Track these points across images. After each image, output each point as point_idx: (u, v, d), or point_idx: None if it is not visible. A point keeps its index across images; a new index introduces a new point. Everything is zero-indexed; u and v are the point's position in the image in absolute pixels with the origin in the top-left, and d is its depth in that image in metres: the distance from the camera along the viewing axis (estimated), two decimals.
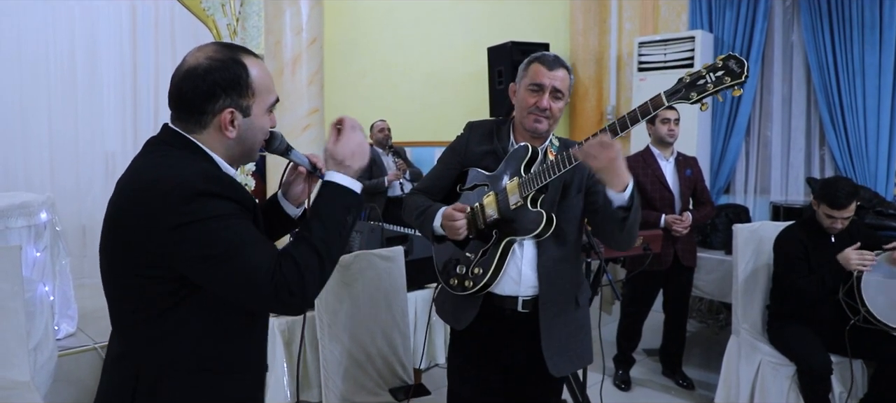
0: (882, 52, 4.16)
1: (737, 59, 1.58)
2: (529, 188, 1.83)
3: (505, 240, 1.89)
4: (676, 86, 1.64)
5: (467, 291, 1.94)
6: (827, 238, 3.06)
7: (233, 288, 1.19)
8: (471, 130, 2.10)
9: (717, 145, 4.99)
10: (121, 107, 4.66)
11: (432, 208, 2.00)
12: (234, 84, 1.26)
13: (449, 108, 6.76)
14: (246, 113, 1.28)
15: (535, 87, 1.90)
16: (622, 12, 5.65)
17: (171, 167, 1.21)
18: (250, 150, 1.35)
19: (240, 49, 1.32)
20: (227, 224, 1.18)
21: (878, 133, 4.21)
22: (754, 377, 3.18)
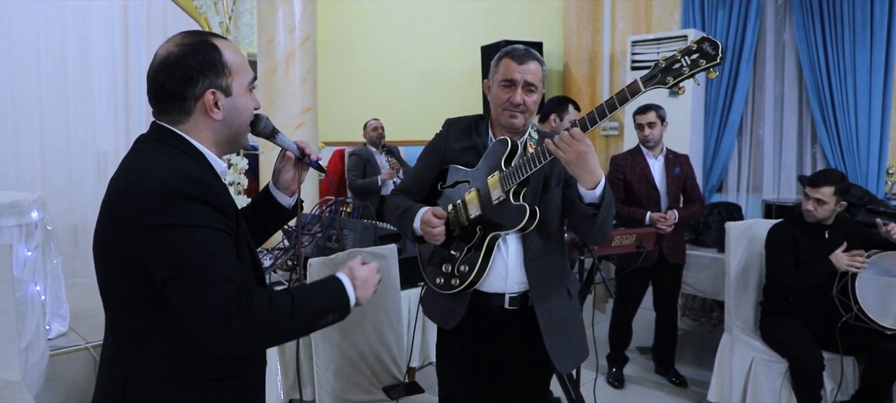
0: (873, 51, 4.18)
1: (711, 41, 1.56)
2: (511, 182, 1.82)
3: (489, 236, 1.87)
4: (652, 71, 1.62)
5: (454, 290, 1.92)
6: (820, 234, 3.08)
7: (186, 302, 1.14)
8: (449, 127, 2.08)
9: (709, 144, 5.00)
10: (113, 105, 4.66)
11: (411, 209, 1.98)
12: (209, 65, 1.25)
13: (443, 107, 6.75)
14: (227, 92, 1.28)
15: (506, 83, 1.88)
16: (615, 11, 5.66)
17: (155, 166, 1.20)
18: (238, 133, 1.34)
19: (207, 33, 1.32)
20: (201, 236, 1.15)
21: (869, 131, 4.23)
22: (747, 373, 3.20)
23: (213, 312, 1.12)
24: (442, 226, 1.88)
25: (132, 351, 1.24)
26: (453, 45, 6.65)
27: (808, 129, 4.65)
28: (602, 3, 5.71)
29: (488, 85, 1.98)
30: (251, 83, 1.34)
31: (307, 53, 3.86)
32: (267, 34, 3.79)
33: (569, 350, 1.97)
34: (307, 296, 1.25)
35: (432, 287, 2.00)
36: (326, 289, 1.32)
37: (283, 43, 3.77)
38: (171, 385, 1.24)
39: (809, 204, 3.03)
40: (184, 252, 1.13)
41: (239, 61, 1.30)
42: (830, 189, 2.99)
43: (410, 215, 1.96)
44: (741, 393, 3.22)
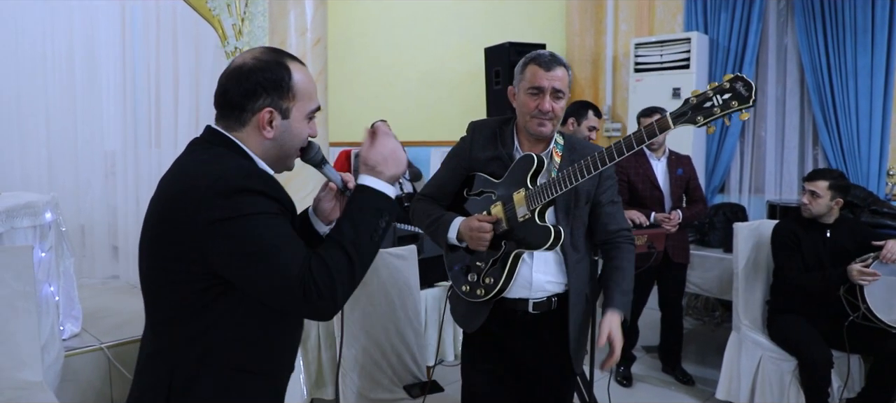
0: (874, 55, 4.26)
1: (744, 81, 1.56)
2: (537, 201, 1.82)
3: (513, 253, 1.89)
4: (682, 108, 1.63)
5: (479, 299, 1.95)
6: (822, 232, 3.15)
7: (263, 288, 1.20)
8: (473, 132, 2.07)
9: (712, 145, 5.07)
10: (121, 106, 4.66)
11: (444, 217, 1.99)
12: (275, 85, 1.29)
13: (444, 108, 6.80)
14: (285, 115, 1.31)
15: (534, 90, 1.87)
16: (618, 13, 5.71)
17: (211, 163, 1.25)
18: (287, 155, 1.36)
19: (286, 54, 1.36)
20: (264, 222, 1.20)
21: (870, 133, 4.31)
22: (755, 371, 3.26)
23: (289, 289, 1.17)
24: (491, 233, 1.89)
25: (179, 346, 1.27)
26: (455, 46, 6.69)
27: (810, 131, 4.72)
28: (604, 4, 5.77)
29: (513, 91, 1.98)
30: (313, 112, 1.36)
31: (318, 55, 3.89)
32: (278, 36, 3.82)
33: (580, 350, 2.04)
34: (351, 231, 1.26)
35: (458, 292, 2.03)
36: (365, 207, 1.29)
37: (294, 45, 3.80)
38: (217, 379, 1.28)
39: (805, 197, 3.13)
40: (250, 240, 1.18)
41: (307, 89, 1.33)
42: (825, 183, 3.08)
43: (444, 224, 1.97)
44: (749, 391, 3.28)
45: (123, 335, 3.64)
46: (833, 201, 3.09)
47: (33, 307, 2.66)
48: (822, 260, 3.14)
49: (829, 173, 3.15)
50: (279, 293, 1.19)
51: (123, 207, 4.66)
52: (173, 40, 4.30)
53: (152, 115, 4.54)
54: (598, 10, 5.81)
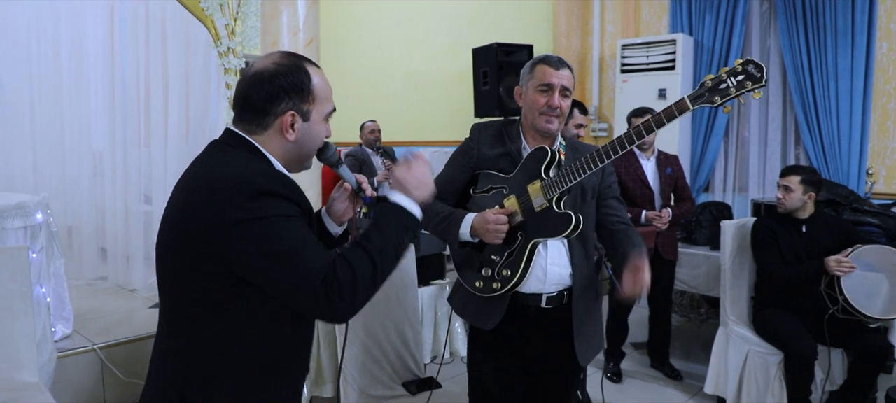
0: (854, 57, 4.37)
1: (756, 63, 1.65)
2: (554, 190, 1.88)
3: (531, 242, 1.93)
4: (699, 90, 1.71)
5: (495, 293, 1.98)
6: (797, 227, 3.24)
7: (286, 288, 1.22)
8: (479, 132, 2.12)
9: (697, 145, 5.16)
10: (109, 105, 4.62)
11: (455, 215, 2.01)
12: (297, 88, 1.32)
13: (432, 108, 6.83)
14: (306, 117, 1.35)
15: (544, 88, 1.94)
16: (605, 15, 5.79)
17: (233, 166, 1.27)
18: (306, 156, 1.40)
19: (304, 58, 1.39)
20: (287, 224, 1.22)
21: (851, 133, 4.42)
22: (742, 366, 3.33)
23: (312, 290, 1.20)
24: (508, 225, 1.92)
25: (195, 345, 1.29)
26: (443, 47, 6.72)
27: (792, 131, 4.83)
28: (591, 6, 5.85)
29: (520, 91, 2.04)
30: (330, 113, 1.40)
31: (311, 55, 3.89)
32: (271, 36, 3.83)
33: (591, 346, 2.09)
34: (379, 242, 1.29)
35: (470, 290, 2.05)
36: (392, 221, 1.34)
37: (287, 45, 3.82)
38: (232, 377, 1.30)
39: (779, 192, 3.25)
40: (273, 241, 1.21)
41: (325, 91, 1.38)
42: (797, 177, 3.20)
43: (455, 221, 2.00)
44: (737, 385, 3.36)
45: (115, 336, 3.62)
46: (805, 195, 3.20)
47: (30, 308, 2.64)
48: (798, 254, 3.23)
49: (800, 169, 3.28)
50: (301, 293, 1.21)
51: (112, 208, 4.62)
52: (163, 39, 4.27)
53: (141, 115, 4.50)
54: (584, 12, 5.88)
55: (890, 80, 4.36)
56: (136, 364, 3.55)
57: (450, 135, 6.55)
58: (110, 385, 3.45)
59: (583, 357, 2.05)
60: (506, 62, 5.67)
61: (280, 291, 1.24)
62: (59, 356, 3.32)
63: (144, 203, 4.65)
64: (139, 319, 4.00)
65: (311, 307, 1.24)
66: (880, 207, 3.91)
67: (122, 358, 3.51)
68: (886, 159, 4.40)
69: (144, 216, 4.51)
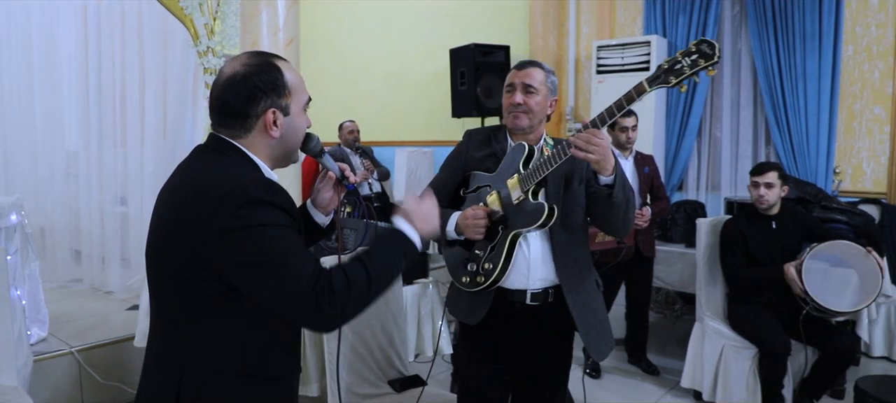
0: (821, 59, 4.50)
1: (708, 42, 1.71)
2: (529, 182, 1.94)
3: (511, 235, 1.98)
4: (656, 72, 1.77)
5: (480, 287, 2.02)
6: (768, 223, 3.34)
7: (274, 297, 1.21)
8: (470, 138, 2.22)
9: (670, 144, 5.26)
10: (84, 105, 4.55)
11: (443, 214, 2.05)
12: (272, 85, 1.33)
13: (411, 108, 6.85)
14: (286, 112, 1.36)
15: (509, 88, 2.06)
16: (580, 16, 5.87)
17: (222, 172, 1.27)
18: (292, 150, 1.41)
19: (271, 55, 1.40)
20: (276, 233, 1.22)
21: (818, 133, 4.55)
22: (718, 360, 3.42)
23: (303, 299, 1.19)
24: (487, 218, 1.99)
25: (188, 351, 1.29)
26: (420, 47, 6.75)
27: (763, 131, 4.96)
28: (567, 7, 5.92)
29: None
30: (307, 103, 1.42)
31: (291, 55, 3.89)
32: (251, 36, 3.80)
33: (601, 338, 2.12)
34: (378, 260, 1.30)
35: (459, 286, 2.11)
36: (393, 244, 1.37)
37: (267, 45, 3.79)
38: (225, 384, 1.30)
39: (761, 190, 3.31)
40: (264, 250, 1.20)
41: (298, 82, 1.39)
42: (775, 173, 3.31)
43: (442, 220, 2.05)
44: (712, 379, 3.44)
45: (93, 339, 3.58)
46: (781, 189, 3.31)
47: (7, 311, 2.60)
48: (769, 251, 3.31)
49: (774, 164, 3.39)
50: (291, 301, 1.20)
51: (86, 209, 4.55)
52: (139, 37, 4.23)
53: (117, 114, 4.44)
54: (560, 13, 5.96)
55: (855, 82, 4.50)
56: (114, 366, 3.51)
57: (427, 135, 6.58)
58: (88, 388, 3.41)
59: (596, 353, 2.09)
60: (483, 63, 5.71)
61: (270, 299, 1.22)
62: (35, 359, 3.27)
63: (120, 204, 4.59)
64: (116, 321, 3.95)
65: (299, 315, 1.23)
66: (847, 205, 4.04)
67: (99, 361, 3.47)
68: (852, 158, 4.55)
69: (120, 217, 4.47)
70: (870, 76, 4.45)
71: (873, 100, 4.44)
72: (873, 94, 4.44)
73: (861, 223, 3.83)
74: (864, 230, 3.82)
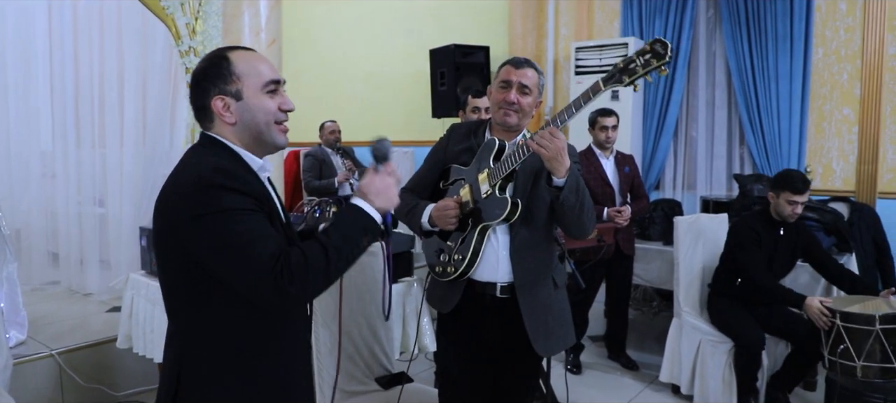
0: (793, 61, 4.63)
1: (662, 42, 1.74)
2: (496, 177, 2.01)
3: (479, 227, 2.05)
4: (610, 72, 1.81)
5: (450, 277, 2.11)
6: (775, 229, 3.39)
7: (238, 278, 1.28)
8: (452, 132, 2.28)
9: (648, 144, 5.36)
10: (61, 104, 4.49)
11: (419, 206, 2.19)
12: (217, 75, 1.40)
13: (391, 108, 6.86)
14: (237, 97, 1.40)
15: (504, 84, 2.08)
16: (559, 18, 5.95)
17: (191, 164, 1.37)
18: (259, 132, 1.42)
19: (226, 47, 1.47)
20: (238, 216, 1.29)
21: (790, 133, 4.68)
22: (695, 354, 3.50)
23: (261, 280, 1.26)
24: (457, 209, 2.07)
25: (186, 333, 1.40)
26: (400, 48, 6.76)
27: (737, 131, 5.08)
28: (546, 9, 5.99)
29: (491, 91, 2.16)
30: (267, 85, 1.42)
31: (273, 55, 3.89)
32: (233, 36, 3.79)
33: (552, 336, 2.13)
34: (336, 236, 1.35)
35: (434, 276, 2.21)
36: (350, 220, 1.40)
37: (249, 45, 3.78)
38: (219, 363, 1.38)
39: (798, 209, 3.27)
40: (224, 232, 1.27)
41: (249, 66, 1.41)
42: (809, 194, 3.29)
43: (419, 211, 2.18)
44: (690, 372, 3.53)
45: (73, 341, 3.55)
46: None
47: None
48: (772, 255, 3.37)
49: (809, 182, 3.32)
50: (251, 282, 1.27)
51: (64, 210, 4.49)
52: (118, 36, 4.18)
53: (95, 114, 4.39)
54: (539, 15, 6.03)
55: (825, 84, 4.64)
56: (95, 368, 3.48)
57: (408, 136, 6.59)
58: (69, 391, 3.38)
59: (543, 349, 2.10)
60: (463, 63, 5.76)
61: (234, 280, 1.29)
62: (15, 363, 3.23)
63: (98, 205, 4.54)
64: (96, 324, 3.92)
65: (260, 294, 1.28)
66: (818, 203, 4.16)
67: (80, 364, 3.44)
68: (822, 158, 4.68)
69: (99, 218, 4.41)
70: (839, 78, 4.58)
71: (842, 102, 4.58)
72: (842, 96, 4.58)
73: (831, 220, 3.95)
74: (835, 227, 3.94)
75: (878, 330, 2.79)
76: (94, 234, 4.39)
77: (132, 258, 4.12)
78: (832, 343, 2.93)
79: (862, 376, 2.83)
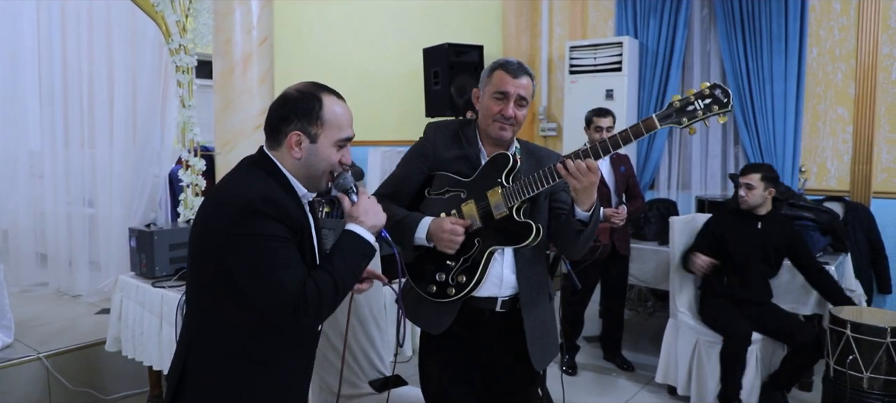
0: (787, 60, 4.62)
1: (723, 88, 1.69)
2: (515, 198, 1.86)
3: (489, 250, 1.90)
4: (667, 110, 1.75)
5: (450, 298, 1.93)
6: (753, 224, 3.41)
7: (261, 300, 1.40)
8: (435, 133, 2.06)
9: (642, 144, 5.34)
10: (49, 103, 4.42)
11: (410, 218, 1.96)
12: (306, 112, 1.50)
13: (384, 108, 6.82)
14: (313, 139, 1.51)
15: (499, 95, 1.91)
16: (553, 17, 5.92)
17: (241, 185, 1.48)
18: (314, 176, 1.55)
19: (327, 88, 1.56)
20: (272, 244, 1.40)
21: (785, 133, 4.67)
22: (691, 355, 3.48)
23: (282, 306, 1.39)
24: (464, 236, 1.89)
25: (197, 326, 1.52)
26: (393, 47, 6.73)
27: (732, 131, 5.06)
28: (540, 8, 5.97)
29: (478, 94, 2.02)
30: (340, 141, 1.54)
31: (265, 54, 3.84)
32: (224, 34, 3.74)
33: (545, 350, 2.05)
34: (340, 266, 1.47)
35: (423, 294, 1.99)
36: (349, 247, 1.52)
37: (240, 43, 3.73)
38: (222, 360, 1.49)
39: (742, 190, 3.41)
40: (258, 257, 1.39)
41: (336, 119, 1.52)
42: (757, 175, 3.38)
43: (410, 224, 1.94)
44: (686, 373, 3.51)
45: (60, 344, 3.49)
46: (766, 191, 3.37)
47: None
48: (748, 251, 3.39)
49: (760, 166, 3.46)
50: (273, 307, 1.40)
51: (53, 211, 4.42)
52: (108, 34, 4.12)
53: (84, 114, 4.32)
54: (533, 14, 6.00)
55: (819, 83, 4.63)
56: (84, 372, 3.43)
57: (401, 135, 6.56)
58: (57, 394, 3.32)
59: (538, 363, 2.01)
60: (456, 62, 5.72)
61: (257, 302, 1.41)
62: (0, 366, 3.18)
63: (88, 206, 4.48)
64: (85, 326, 3.86)
65: (279, 319, 1.42)
66: (813, 202, 4.15)
67: (69, 367, 3.38)
68: (817, 158, 4.68)
69: (88, 219, 4.35)
70: (833, 77, 4.58)
71: (836, 101, 4.58)
72: (837, 96, 4.57)
73: (827, 219, 3.94)
74: (830, 226, 3.93)
75: (889, 343, 2.79)
76: (83, 235, 4.33)
77: (122, 259, 4.07)
78: (840, 353, 2.93)
79: (868, 387, 2.86)
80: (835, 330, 3.00)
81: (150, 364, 2.96)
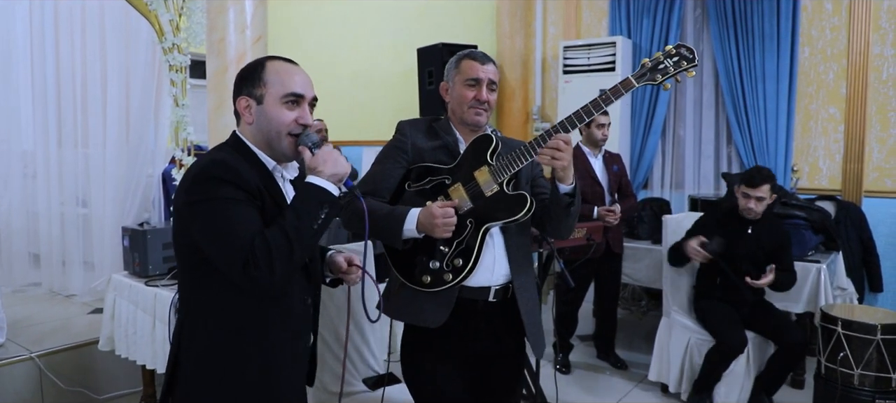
0: (779, 60, 4.65)
1: (687, 47, 1.81)
2: (503, 174, 1.89)
3: (484, 228, 1.91)
4: (641, 71, 1.84)
5: (446, 285, 1.90)
6: (744, 228, 3.39)
7: (219, 261, 1.41)
8: (410, 127, 2.07)
9: (636, 144, 5.36)
10: (42, 102, 4.40)
11: (396, 212, 1.91)
12: (249, 77, 1.53)
13: (378, 108, 6.82)
14: (259, 101, 1.52)
15: (472, 82, 1.97)
16: (547, 16, 5.94)
17: (202, 157, 1.50)
18: (272, 140, 1.53)
19: (274, 56, 1.59)
20: (225, 205, 1.40)
21: (777, 132, 4.70)
22: (684, 353, 3.50)
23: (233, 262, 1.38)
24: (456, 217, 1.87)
25: (187, 308, 1.54)
26: (387, 46, 6.72)
27: (724, 130, 5.09)
28: (534, 8, 5.98)
29: (447, 86, 2.05)
30: (287, 96, 1.51)
31: (259, 54, 3.84)
32: (217, 33, 3.74)
33: (541, 336, 2.09)
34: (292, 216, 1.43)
35: (417, 288, 1.95)
36: (303, 197, 1.47)
37: (234, 42, 3.74)
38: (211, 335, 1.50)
39: (751, 203, 3.27)
40: (213, 217, 1.40)
41: (277, 76, 1.52)
42: (768, 186, 3.28)
43: (397, 217, 1.90)
44: (679, 371, 3.52)
45: (53, 344, 3.48)
46: (771, 199, 3.32)
47: None
48: (737, 254, 3.35)
49: (766, 175, 3.29)
50: (229, 266, 1.39)
51: (46, 211, 4.41)
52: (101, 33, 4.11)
53: (78, 114, 4.31)
54: (527, 14, 6.01)
55: (811, 83, 4.66)
56: (77, 371, 3.42)
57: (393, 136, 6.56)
58: (49, 394, 3.31)
59: (537, 349, 2.04)
60: None
61: (218, 265, 1.42)
62: None
63: (81, 206, 4.46)
64: (78, 326, 3.85)
65: (238, 279, 1.39)
66: (805, 201, 4.17)
67: (61, 367, 3.37)
68: (809, 157, 4.70)
69: (82, 219, 4.34)
70: (825, 77, 4.61)
71: (828, 101, 4.61)
72: (828, 95, 4.60)
73: (819, 218, 3.97)
74: (822, 225, 3.95)
75: (879, 340, 2.82)
76: (76, 235, 4.31)
77: (115, 259, 4.06)
78: (831, 350, 2.96)
79: (859, 384, 2.89)
80: (826, 327, 3.02)
81: (143, 364, 2.96)
